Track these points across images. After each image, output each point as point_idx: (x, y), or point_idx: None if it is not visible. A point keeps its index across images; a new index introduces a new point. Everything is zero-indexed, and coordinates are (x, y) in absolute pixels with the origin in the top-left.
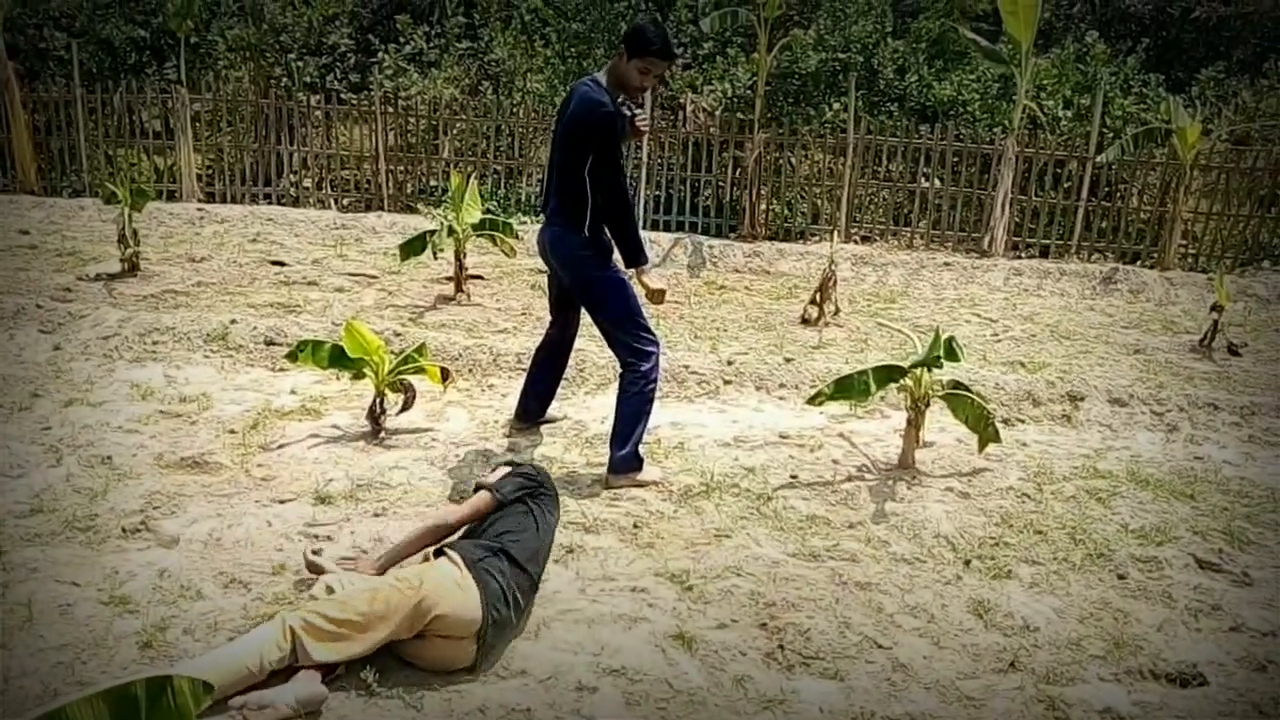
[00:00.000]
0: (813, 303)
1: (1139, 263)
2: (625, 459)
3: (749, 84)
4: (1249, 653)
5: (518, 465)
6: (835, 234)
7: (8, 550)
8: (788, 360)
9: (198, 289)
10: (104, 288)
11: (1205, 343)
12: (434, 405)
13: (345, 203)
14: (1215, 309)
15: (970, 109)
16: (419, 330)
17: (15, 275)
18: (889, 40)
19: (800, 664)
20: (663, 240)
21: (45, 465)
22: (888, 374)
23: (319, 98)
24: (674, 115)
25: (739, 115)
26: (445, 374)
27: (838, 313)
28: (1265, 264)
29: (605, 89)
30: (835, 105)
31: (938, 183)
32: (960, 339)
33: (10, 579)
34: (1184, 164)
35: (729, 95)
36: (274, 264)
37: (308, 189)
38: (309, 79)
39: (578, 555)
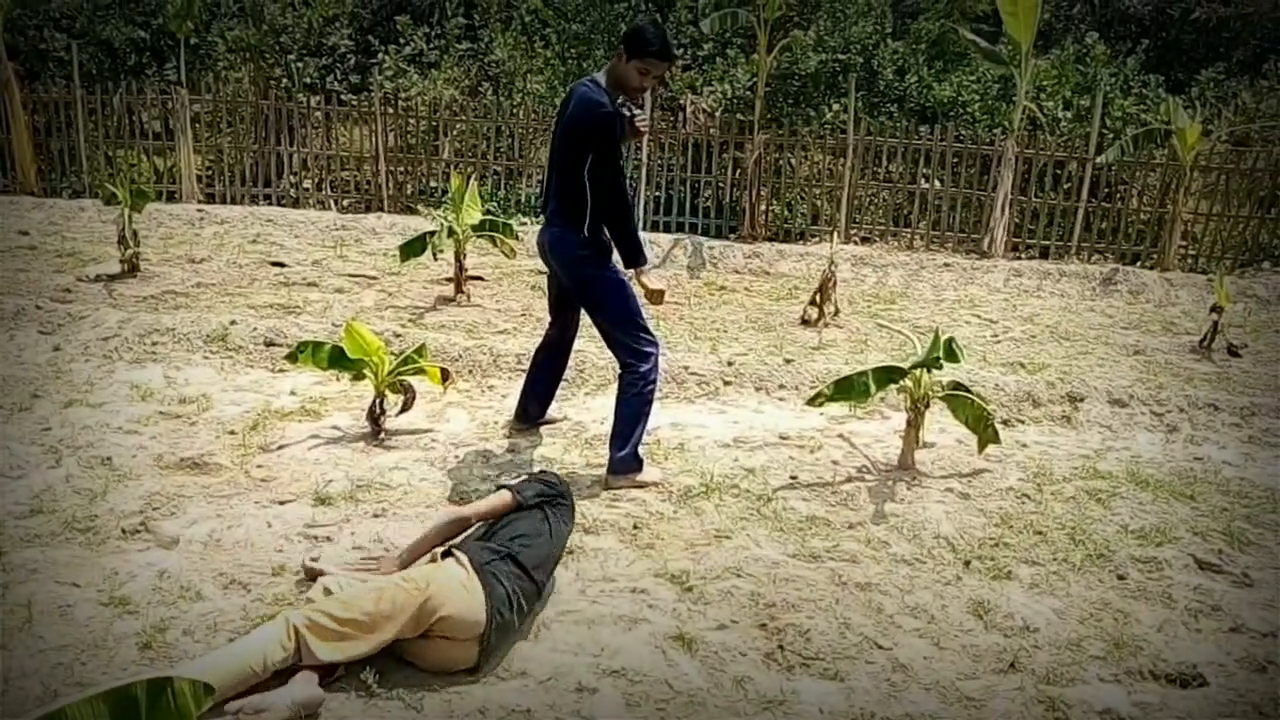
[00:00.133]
0: (812, 303)
1: (1139, 264)
2: (625, 460)
3: (749, 85)
4: (1249, 653)
5: (542, 472)
6: (835, 235)
7: (7, 551)
8: (788, 361)
9: (197, 290)
10: (104, 289)
11: (1205, 344)
12: (434, 406)
13: (345, 204)
14: (1215, 310)
15: (970, 110)
16: (419, 331)
17: (15, 276)
18: (889, 41)
19: (800, 665)
20: (662, 241)
21: (45, 466)
22: (887, 375)
23: (319, 99)
24: (674, 116)
25: (739, 116)
26: (445, 375)
27: (837, 313)
28: (1265, 265)
29: (605, 90)
30: (835, 106)
31: (938, 184)
32: (960, 340)
33: (10, 580)
34: (1184, 165)
35: (729, 96)
36: (274, 265)
37: (308, 190)
38: (309, 80)
39: (578, 556)
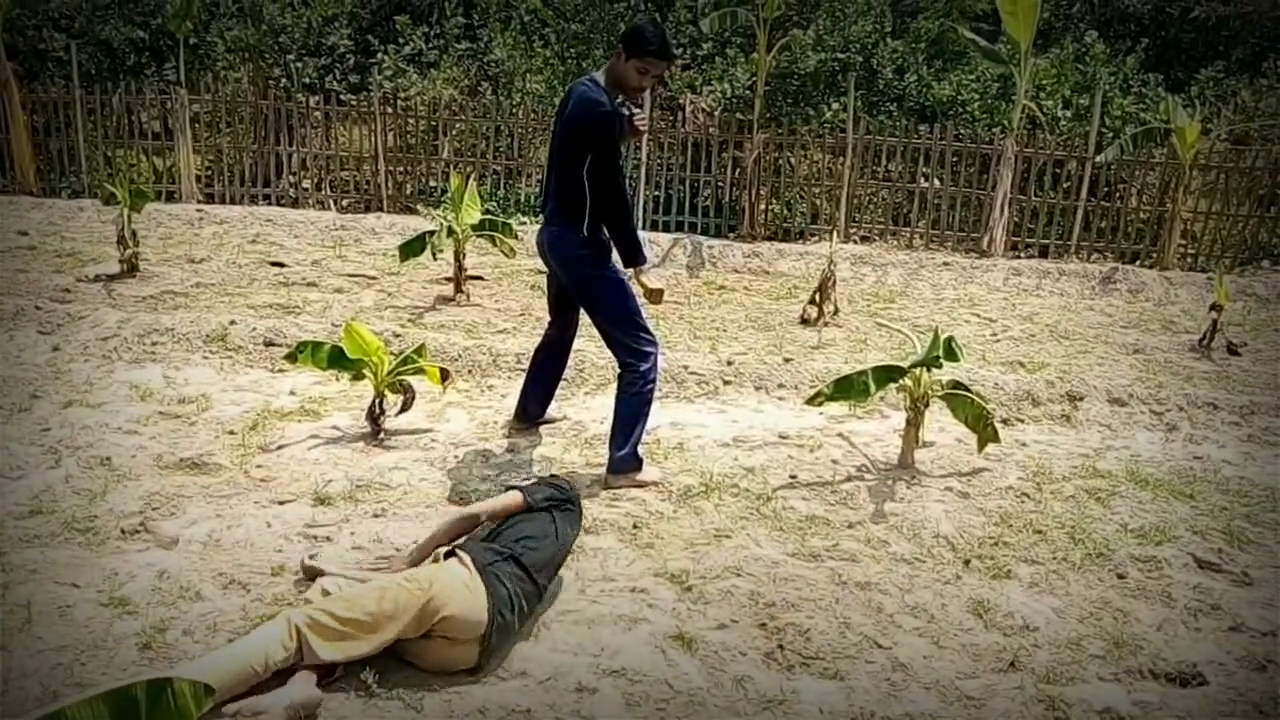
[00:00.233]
0: (812, 303)
1: (1138, 262)
2: (624, 459)
3: (748, 84)
4: (1248, 652)
5: (554, 476)
6: (834, 234)
7: (7, 552)
8: (787, 360)
9: (197, 290)
10: (103, 289)
11: (1204, 342)
12: (433, 406)
13: (344, 203)
14: (1214, 308)
15: (969, 109)
16: (418, 331)
17: (14, 276)
18: (888, 40)
19: (800, 664)
20: (662, 240)
21: (44, 466)
22: (887, 374)
23: (318, 98)
24: (673, 115)
25: (738, 115)
26: (444, 375)
27: (837, 313)
28: (1264, 263)
29: (604, 89)
30: (834, 105)
31: (937, 183)
32: (959, 339)
33: (9, 580)
34: (1183, 164)
35: (728, 95)
36: (273, 265)
37: (307, 190)
38: (308, 80)
39: (578, 556)
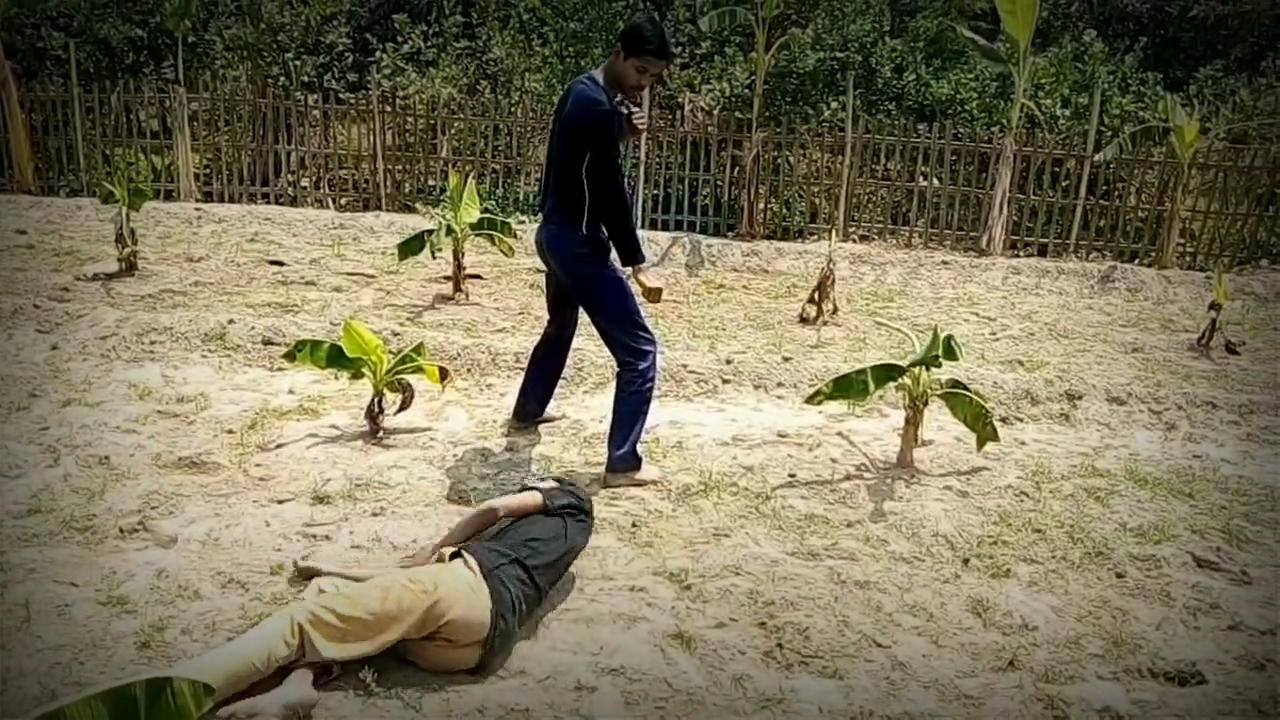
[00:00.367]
0: (811, 301)
1: (1137, 261)
2: (623, 458)
3: (747, 83)
4: (1247, 651)
5: (571, 484)
6: (833, 233)
7: (5, 550)
8: (786, 359)
9: (195, 289)
10: (101, 287)
11: (1203, 341)
12: (432, 405)
13: (343, 202)
14: (1213, 307)
15: (968, 108)
16: (417, 330)
17: (13, 275)
18: (887, 39)
19: (799, 663)
20: (661, 239)
21: (43, 465)
22: (886, 373)
23: (317, 97)
24: (672, 114)
25: (737, 114)
26: (443, 373)
27: (836, 311)
28: (1263, 262)
29: (602, 87)
30: (833, 104)
31: (936, 181)
32: (958, 338)
33: (8, 579)
34: (1182, 162)
35: (727, 94)
36: (272, 263)
37: (305, 188)
38: (307, 78)
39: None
